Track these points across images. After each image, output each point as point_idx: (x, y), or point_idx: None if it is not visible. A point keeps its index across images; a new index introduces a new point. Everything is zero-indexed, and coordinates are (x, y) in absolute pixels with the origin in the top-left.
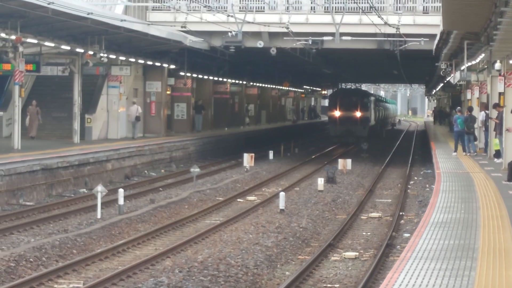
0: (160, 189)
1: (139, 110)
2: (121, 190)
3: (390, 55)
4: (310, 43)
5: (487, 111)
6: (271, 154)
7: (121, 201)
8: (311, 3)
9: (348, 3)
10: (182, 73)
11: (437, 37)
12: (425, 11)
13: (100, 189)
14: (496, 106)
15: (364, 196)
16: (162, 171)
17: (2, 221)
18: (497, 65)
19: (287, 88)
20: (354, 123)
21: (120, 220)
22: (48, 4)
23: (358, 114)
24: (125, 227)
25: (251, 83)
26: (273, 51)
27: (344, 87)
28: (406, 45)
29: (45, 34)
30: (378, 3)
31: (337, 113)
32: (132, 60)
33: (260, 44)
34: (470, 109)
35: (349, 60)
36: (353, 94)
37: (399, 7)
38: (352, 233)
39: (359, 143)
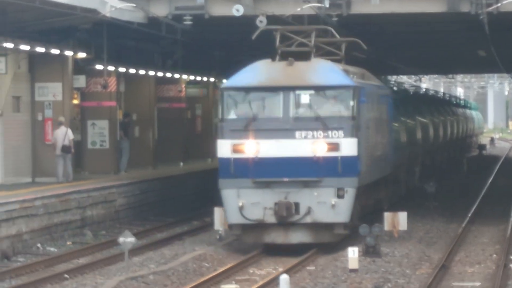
0: (66, 276)
1: (70, 136)
2: None
3: (472, 24)
4: (328, 5)
5: None
6: None
7: None
8: None
9: None
10: (99, 67)
11: None
12: None
13: None
14: None
15: (431, 277)
16: (69, 243)
17: None
18: None
19: None
20: (303, 177)
21: None
22: None
23: (320, 146)
24: None
25: (225, 80)
26: (261, 21)
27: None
28: (500, 4)
29: None
30: None
31: (248, 147)
32: (9, 45)
33: (237, 10)
34: None
35: (398, 36)
36: (301, 78)
37: None
38: None
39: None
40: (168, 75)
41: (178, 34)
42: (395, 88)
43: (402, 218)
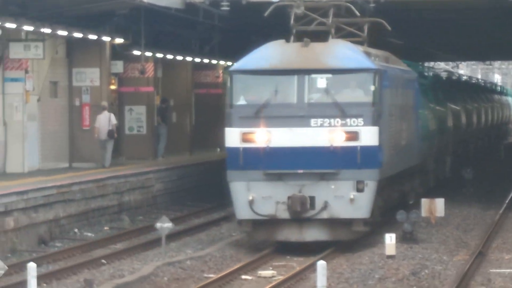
0: (103, 261)
1: (113, 121)
2: (32, 266)
3: (510, 10)
4: None
5: None
6: None
7: (33, 284)
8: None
9: None
10: (137, 53)
11: None
12: None
13: None
14: None
15: (468, 264)
16: (106, 228)
17: None
18: None
19: None
20: (319, 169)
21: None
22: None
23: (337, 135)
24: None
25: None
26: (299, 9)
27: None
28: None
29: None
30: None
31: (259, 136)
32: (47, 31)
33: None
34: None
35: (435, 22)
36: (317, 60)
37: None
38: None
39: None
40: (206, 61)
41: (215, 19)
42: (425, 74)
43: (439, 204)
